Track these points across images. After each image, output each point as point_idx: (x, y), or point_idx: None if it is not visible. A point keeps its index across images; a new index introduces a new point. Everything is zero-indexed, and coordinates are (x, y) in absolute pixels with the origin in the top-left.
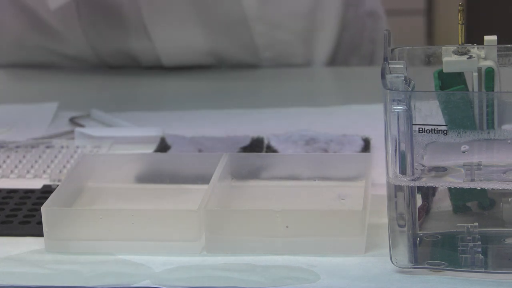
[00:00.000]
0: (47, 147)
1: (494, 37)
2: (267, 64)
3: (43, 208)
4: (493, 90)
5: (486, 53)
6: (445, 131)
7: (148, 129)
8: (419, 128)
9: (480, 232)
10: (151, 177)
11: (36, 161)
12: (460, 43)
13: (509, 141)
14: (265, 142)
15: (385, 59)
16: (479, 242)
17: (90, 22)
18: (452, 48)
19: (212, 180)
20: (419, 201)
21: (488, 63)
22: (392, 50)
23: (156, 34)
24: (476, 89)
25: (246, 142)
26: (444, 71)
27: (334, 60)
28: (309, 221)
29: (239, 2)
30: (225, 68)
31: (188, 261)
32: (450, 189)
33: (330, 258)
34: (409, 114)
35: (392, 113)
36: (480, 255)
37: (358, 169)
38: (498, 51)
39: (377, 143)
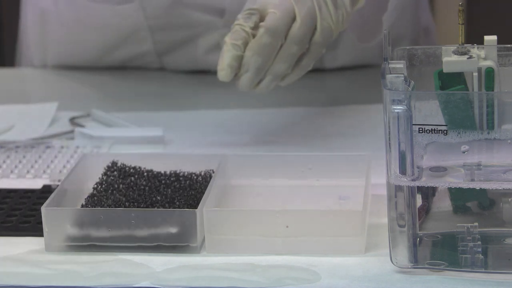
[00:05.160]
0: (47, 147)
1: (494, 37)
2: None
3: (43, 208)
4: (493, 90)
5: (486, 53)
6: (445, 131)
7: (148, 129)
8: (419, 128)
9: (480, 232)
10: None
11: (36, 161)
12: (460, 43)
13: (509, 141)
14: None
15: (385, 59)
16: (479, 242)
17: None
18: (452, 48)
19: (212, 180)
20: (419, 201)
21: (488, 63)
22: (392, 50)
23: None
24: (476, 89)
25: None
26: (444, 71)
27: None
28: (309, 221)
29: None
30: None
31: (188, 261)
32: (450, 189)
33: (330, 258)
34: (409, 114)
35: (392, 113)
36: (480, 255)
37: (358, 169)
38: (498, 51)
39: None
